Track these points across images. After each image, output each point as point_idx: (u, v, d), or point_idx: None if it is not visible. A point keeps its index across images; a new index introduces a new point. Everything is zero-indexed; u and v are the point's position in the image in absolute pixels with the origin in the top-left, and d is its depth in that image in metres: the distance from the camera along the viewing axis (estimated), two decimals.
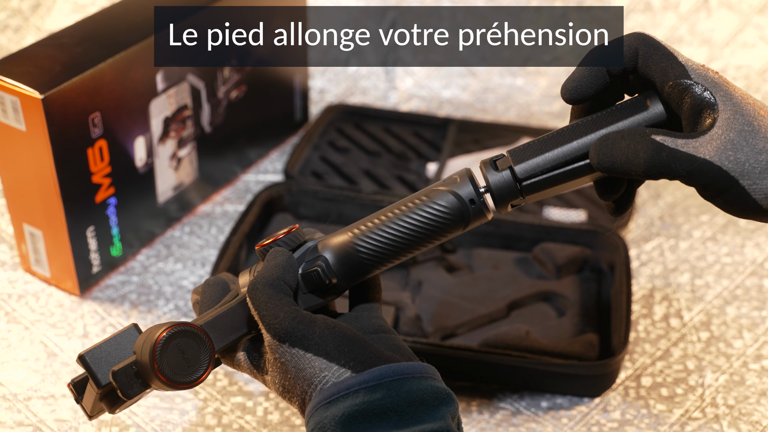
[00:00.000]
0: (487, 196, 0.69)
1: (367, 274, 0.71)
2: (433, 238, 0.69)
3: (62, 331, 1.05)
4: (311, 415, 0.65)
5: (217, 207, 1.26)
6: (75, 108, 0.99)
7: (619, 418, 0.97)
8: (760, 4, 1.52)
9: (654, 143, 0.63)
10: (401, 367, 0.64)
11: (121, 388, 0.65)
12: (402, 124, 1.42)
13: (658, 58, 0.67)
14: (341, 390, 0.64)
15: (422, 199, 0.69)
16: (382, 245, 0.69)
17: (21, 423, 0.94)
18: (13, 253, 1.15)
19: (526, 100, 1.51)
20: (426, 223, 0.69)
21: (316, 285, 0.70)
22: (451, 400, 0.65)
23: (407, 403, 0.63)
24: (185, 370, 0.65)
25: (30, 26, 1.52)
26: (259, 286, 0.67)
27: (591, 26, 1.57)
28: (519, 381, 0.99)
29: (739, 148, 0.62)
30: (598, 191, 0.71)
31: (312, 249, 0.70)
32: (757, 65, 1.52)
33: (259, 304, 0.67)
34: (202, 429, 0.95)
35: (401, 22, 1.54)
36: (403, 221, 0.69)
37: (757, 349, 1.05)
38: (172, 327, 0.65)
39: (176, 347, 0.65)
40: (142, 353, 0.65)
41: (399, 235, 0.69)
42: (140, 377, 0.66)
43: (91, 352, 0.68)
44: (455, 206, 0.68)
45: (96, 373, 0.67)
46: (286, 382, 0.67)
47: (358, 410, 0.62)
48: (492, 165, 0.69)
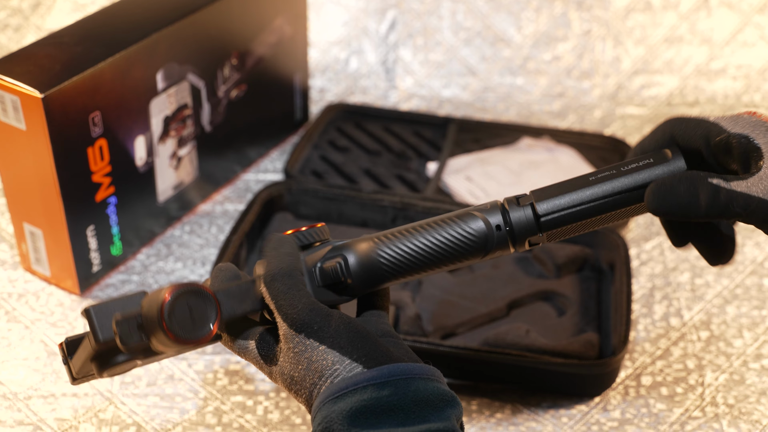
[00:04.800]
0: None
1: (382, 283, 0.72)
2: (453, 259, 0.70)
3: (62, 330, 1.05)
4: (319, 410, 0.65)
5: (217, 206, 1.26)
6: (75, 107, 0.99)
7: (619, 418, 0.97)
8: (760, 3, 1.52)
9: (712, 185, 0.66)
10: (409, 367, 0.65)
11: (121, 336, 0.65)
12: (402, 124, 1.42)
13: (692, 128, 0.70)
14: (349, 386, 0.64)
15: (451, 218, 0.70)
16: (402, 256, 0.70)
17: (21, 422, 0.95)
18: (14, 252, 1.15)
19: (526, 99, 1.51)
20: (449, 241, 0.70)
21: (332, 280, 0.70)
22: (456, 404, 0.66)
23: (414, 402, 0.64)
24: (191, 327, 0.65)
25: (30, 25, 1.52)
26: (277, 276, 0.68)
27: (591, 26, 1.57)
28: (519, 380, 0.99)
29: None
30: (673, 241, 0.74)
31: (335, 247, 0.71)
32: (757, 65, 1.52)
33: (277, 294, 0.67)
34: (202, 428, 0.95)
35: (401, 22, 1.54)
36: (428, 236, 0.70)
37: (757, 348, 1.05)
38: (186, 285, 0.65)
39: (185, 304, 0.65)
40: (149, 305, 0.64)
41: (421, 249, 0.70)
42: (143, 330, 0.65)
43: (98, 307, 0.67)
44: (481, 230, 0.70)
45: (98, 327, 0.66)
46: (296, 374, 0.67)
47: (365, 406, 0.63)
48: (514, 202, 0.71)
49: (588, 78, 1.52)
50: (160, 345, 0.65)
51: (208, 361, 1.02)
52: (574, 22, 1.54)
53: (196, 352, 1.03)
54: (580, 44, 1.53)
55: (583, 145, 1.37)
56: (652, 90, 1.51)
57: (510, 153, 1.35)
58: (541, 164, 1.32)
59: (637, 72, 1.52)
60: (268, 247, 0.71)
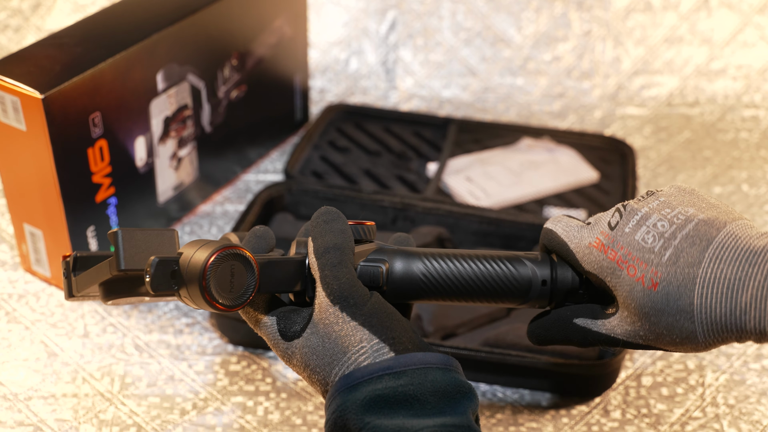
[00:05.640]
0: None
1: (415, 299, 0.71)
2: (491, 296, 0.70)
3: (62, 330, 1.05)
4: (334, 398, 0.65)
5: (217, 207, 1.26)
6: (75, 108, 0.99)
7: (619, 418, 0.97)
8: (760, 3, 1.52)
9: (578, 328, 0.69)
10: (427, 357, 0.65)
11: (153, 279, 0.62)
12: (402, 124, 1.42)
13: (560, 250, 0.70)
14: (365, 375, 0.64)
15: (500, 257, 0.70)
16: (444, 279, 0.70)
17: (21, 423, 0.95)
18: (14, 253, 1.15)
19: (526, 99, 1.51)
20: (493, 278, 0.70)
21: (369, 282, 0.70)
22: (473, 396, 0.65)
23: (430, 392, 0.63)
24: (227, 293, 0.64)
25: (30, 26, 1.52)
26: (330, 249, 0.67)
27: (591, 26, 1.57)
28: (519, 380, 0.99)
29: (647, 330, 0.65)
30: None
31: (381, 250, 0.71)
32: (758, 65, 1.52)
33: (325, 265, 0.67)
34: (202, 429, 0.95)
35: (401, 23, 1.54)
36: (474, 267, 0.70)
37: (758, 348, 1.05)
38: (235, 248, 0.63)
39: (228, 268, 0.63)
40: (192, 259, 0.63)
41: (463, 278, 0.70)
42: (176, 278, 0.63)
43: (128, 232, 0.64)
44: (526, 279, 0.69)
45: (122, 253, 0.64)
46: (320, 347, 0.66)
47: (380, 395, 0.63)
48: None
49: (588, 78, 1.52)
50: (189, 299, 0.64)
51: (208, 362, 1.02)
52: (574, 23, 1.54)
53: (197, 353, 1.03)
54: (580, 44, 1.53)
55: (583, 146, 1.37)
56: (652, 90, 1.51)
57: (510, 153, 1.35)
58: (541, 165, 1.32)
59: (637, 72, 1.52)
60: (320, 219, 0.69)
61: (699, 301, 0.61)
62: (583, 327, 0.68)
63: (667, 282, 0.62)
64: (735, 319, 0.60)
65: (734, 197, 1.31)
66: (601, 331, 0.68)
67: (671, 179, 1.34)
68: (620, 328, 0.67)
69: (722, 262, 0.61)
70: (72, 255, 0.69)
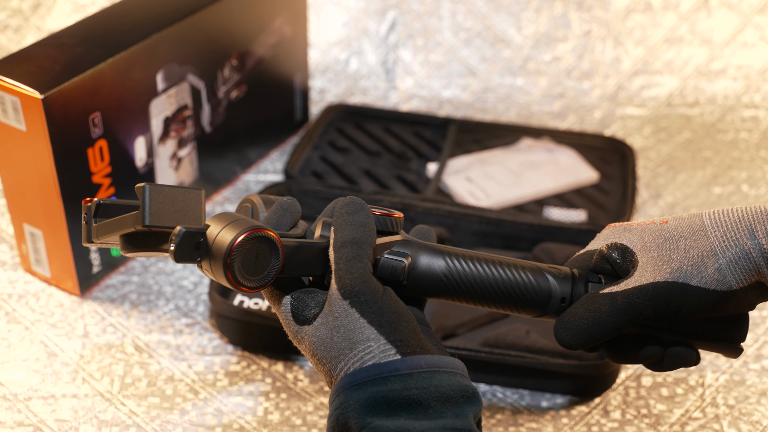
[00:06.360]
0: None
1: (434, 296, 0.71)
2: (509, 302, 0.70)
3: (62, 331, 1.05)
4: (337, 395, 0.65)
5: (217, 207, 1.26)
6: (75, 108, 0.99)
7: (619, 418, 0.97)
8: (760, 4, 1.52)
9: (605, 295, 0.68)
10: (434, 360, 0.65)
11: (177, 248, 0.62)
12: (402, 124, 1.42)
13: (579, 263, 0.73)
14: (370, 375, 0.63)
15: (525, 267, 0.70)
16: (465, 279, 0.69)
17: (21, 423, 0.94)
18: (14, 253, 1.15)
19: (526, 100, 1.51)
20: (513, 286, 0.69)
21: (389, 275, 0.69)
22: (476, 400, 0.65)
23: (434, 397, 0.63)
24: (250, 274, 0.64)
25: (30, 26, 1.52)
26: (348, 243, 0.67)
27: (591, 27, 1.57)
28: (519, 381, 0.99)
29: (668, 259, 0.68)
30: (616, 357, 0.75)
31: (405, 243, 0.70)
32: (757, 65, 1.52)
33: (340, 258, 0.66)
34: (202, 429, 0.95)
35: (401, 23, 1.54)
36: (496, 272, 0.70)
37: (758, 349, 1.05)
38: (263, 231, 0.63)
39: (255, 249, 0.63)
40: (219, 236, 0.63)
41: (484, 281, 0.69)
42: (200, 249, 0.63)
43: (157, 188, 0.64)
44: (546, 290, 0.69)
45: (148, 210, 0.63)
46: (329, 339, 0.66)
47: (383, 396, 0.63)
48: (584, 279, 0.71)
49: (588, 78, 1.52)
50: (210, 272, 0.64)
51: (208, 362, 1.02)
52: (574, 23, 1.54)
53: (197, 353, 1.03)
54: (580, 45, 1.53)
55: (583, 146, 1.37)
56: (652, 90, 1.51)
57: (510, 154, 1.35)
58: (541, 165, 1.32)
59: (637, 72, 1.52)
60: (344, 210, 0.69)
61: (708, 220, 0.68)
62: (608, 292, 0.68)
63: (675, 218, 0.70)
64: (747, 215, 0.67)
65: (734, 197, 1.31)
66: (629, 287, 0.67)
67: (671, 179, 1.34)
68: (642, 278, 0.67)
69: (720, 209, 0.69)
70: (94, 201, 0.69)
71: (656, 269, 0.67)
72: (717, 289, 0.67)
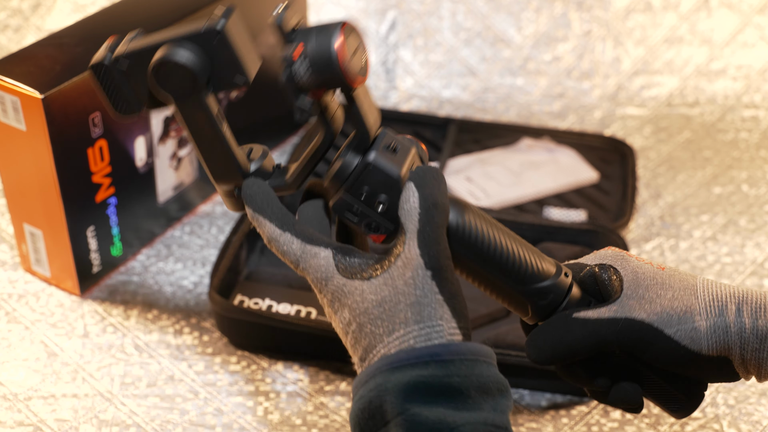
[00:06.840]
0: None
1: None
2: (503, 282, 0.69)
3: (62, 331, 1.05)
4: (373, 376, 0.61)
5: (217, 207, 1.26)
6: (75, 108, 0.99)
7: (619, 418, 0.97)
8: (760, 4, 1.52)
9: (578, 320, 0.68)
10: (475, 348, 0.62)
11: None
12: (402, 124, 1.42)
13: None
14: (411, 358, 0.61)
15: (535, 252, 0.70)
16: (474, 234, 0.67)
17: (21, 423, 0.95)
18: (14, 253, 1.15)
19: (526, 99, 1.51)
20: (515, 268, 0.68)
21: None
22: (509, 394, 0.64)
23: (475, 387, 0.61)
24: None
25: (30, 26, 1.52)
26: (439, 206, 0.64)
27: (591, 27, 1.57)
28: (519, 381, 0.99)
29: (651, 301, 0.68)
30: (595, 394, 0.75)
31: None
32: (757, 65, 1.52)
33: (430, 221, 0.63)
34: (202, 429, 0.95)
35: (401, 23, 1.54)
36: (506, 243, 0.68)
37: None
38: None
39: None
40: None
41: (492, 244, 0.68)
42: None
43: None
44: (545, 273, 0.69)
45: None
46: (392, 302, 0.62)
47: (424, 381, 0.60)
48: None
49: (588, 78, 1.52)
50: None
51: (208, 362, 1.02)
52: (574, 23, 1.54)
53: (197, 353, 1.03)
54: (580, 45, 1.53)
55: (583, 146, 1.37)
56: (652, 90, 1.51)
57: (510, 153, 1.35)
58: (541, 165, 1.32)
59: (637, 72, 1.52)
60: (428, 174, 0.66)
61: (701, 284, 0.69)
62: (584, 318, 0.68)
63: (672, 269, 0.71)
64: (739, 292, 0.68)
65: (734, 197, 1.31)
66: (603, 317, 0.67)
67: (671, 179, 1.34)
68: (620, 311, 0.68)
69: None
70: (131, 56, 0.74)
71: (637, 306, 0.68)
72: (687, 347, 0.67)
